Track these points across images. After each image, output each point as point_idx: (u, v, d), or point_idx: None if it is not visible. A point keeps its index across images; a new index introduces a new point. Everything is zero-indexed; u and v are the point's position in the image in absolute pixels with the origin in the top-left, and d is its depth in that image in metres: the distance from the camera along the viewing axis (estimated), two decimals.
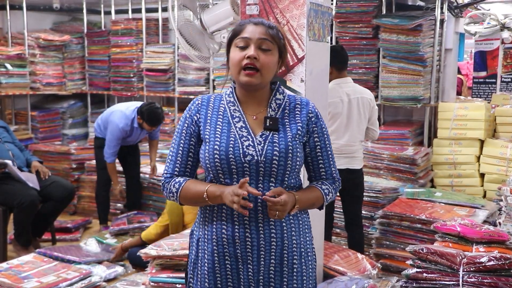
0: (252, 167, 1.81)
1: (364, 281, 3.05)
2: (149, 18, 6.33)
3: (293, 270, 1.90)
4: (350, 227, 4.02)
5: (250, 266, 1.86)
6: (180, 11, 3.66)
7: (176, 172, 1.91)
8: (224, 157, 1.81)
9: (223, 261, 1.87)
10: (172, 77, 6.13)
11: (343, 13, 5.11)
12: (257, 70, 1.83)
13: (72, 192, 4.79)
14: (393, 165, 4.79)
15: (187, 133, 1.90)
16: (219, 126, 1.86)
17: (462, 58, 6.12)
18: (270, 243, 1.85)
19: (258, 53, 1.82)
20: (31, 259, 3.72)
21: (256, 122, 1.88)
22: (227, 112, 1.89)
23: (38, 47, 6.33)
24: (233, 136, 1.83)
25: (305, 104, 1.94)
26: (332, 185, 1.97)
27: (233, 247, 1.85)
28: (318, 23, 2.97)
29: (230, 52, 1.89)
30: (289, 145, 1.84)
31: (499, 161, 4.86)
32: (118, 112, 4.98)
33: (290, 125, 1.88)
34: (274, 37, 1.86)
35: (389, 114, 5.56)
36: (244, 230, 1.84)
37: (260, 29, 1.85)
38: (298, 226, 1.92)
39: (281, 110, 1.91)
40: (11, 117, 6.48)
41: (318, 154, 1.94)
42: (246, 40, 1.84)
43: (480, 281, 2.32)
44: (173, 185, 1.88)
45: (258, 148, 1.82)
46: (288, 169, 1.84)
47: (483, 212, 3.77)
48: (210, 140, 1.84)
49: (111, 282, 3.78)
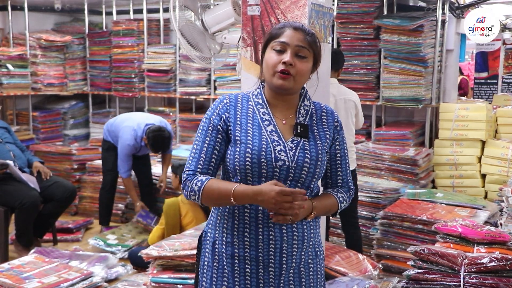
0: (282, 172, 1.81)
1: (365, 282, 3.05)
2: (151, 19, 6.33)
3: (309, 269, 1.91)
4: (347, 228, 4.04)
5: (272, 269, 1.84)
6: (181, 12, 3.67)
7: (199, 169, 1.84)
8: (256, 161, 1.79)
9: (243, 265, 1.85)
10: (173, 77, 6.13)
11: (344, 13, 5.11)
12: (290, 76, 1.82)
13: (74, 193, 4.79)
14: (394, 165, 4.79)
15: (214, 130, 1.85)
16: (249, 128, 1.84)
17: (463, 59, 6.12)
18: (292, 246, 1.85)
19: (294, 59, 1.81)
20: (33, 259, 3.72)
21: (285, 127, 1.88)
22: (256, 114, 1.87)
23: (40, 47, 6.34)
24: (265, 139, 1.82)
25: (330, 113, 1.96)
26: (347, 193, 1.98)
27: (255, 250, 1.83)
28: (320, 24, 2.97)
29: (266, 53, 1.87)
30: (319, 153, 1.86)
31: (500, 162, 4.86)
32: (128, 128, 4.90)
33: (319, 133, 1.90)
34: (311, 45, 1.85)
35: (390, 114, 5.56)
36: (268, 233, 1.82)
37: (299, 35, 1.84)
38: (315, 227, 1.94)
39: (309, 117, 1.92)
40: (12, 118, 6.49)
41: (338, 162, 1.96)
42: (284, 45, 1.83)
43: (481, 282, 2.32)
44: (195, 183, 1.81)
45: (289, 154, 1.82)
46: (316, 176, 1.86)
47: (484, 213, 3.77)
48: (241, 142, 1.82)
49: (112, 283, 3.78)
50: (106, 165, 5.22)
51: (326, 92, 3.16)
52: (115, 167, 5.16)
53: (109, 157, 5.14)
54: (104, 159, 5.25)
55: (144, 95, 6.33)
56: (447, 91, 5.37)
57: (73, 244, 4.90)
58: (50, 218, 4.67)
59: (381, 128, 5.34)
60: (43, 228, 4.68)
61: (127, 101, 6.69)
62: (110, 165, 5.15)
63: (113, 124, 5.11)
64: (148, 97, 6.38)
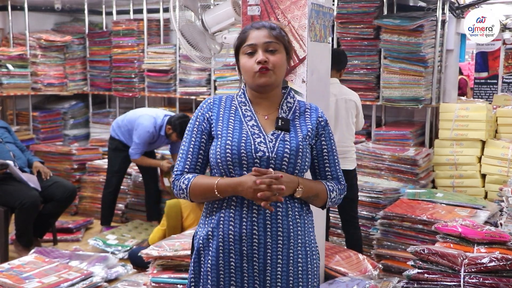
0: (262, 163, 1.85)
1: (365, 282, 3.06)
2: (151, 19, 6.33)
3: (298, 268, 1.92)
4: (347, 228, 4.04)
5: (256, 264, 1.87)
6: (181, 12, 3.67)
7: (186, 169, 1.93)
8: (236, 152, 1.85)
9: (228, 259, 1.89)
10: (173, 77, 6.13)
11: (345, 13, 5.11)
12: (269, 70, 1.89)
13: (74, 193, 4.79)
14: (394, 165, 4.79)
15: (199, 131, 1.94)
16: (231, 123, 1.91)
17: (463, 59, 6.12)
18: (277, 241, 1.87)
19: (266, 56, 1.88)
20: (33, 259, 3.72)
21: (267, 121, 1.94)
22: (239, 111, 1.95)
23: (40, 47, 6.34)
24: (245, 132, 1.89)
25: (314, 109, 2.02)
26: (337, 185, 2.00)
27: (240, 244, 1.87)
28: (320, 24, 2.97)
29: (240, 59, 1.95)
30: (300, 144, 1.89)
31: (501, 162, 4.86)
32: (147, 116, 4.89)
33: (300, 126, 1.95)
34: (278, 37, 1.92)
35: (390, 114, 5.56)
36: (252, 227, 1.86)
37: (264, 32, 1.91)
38: (304, 225, 1.94)
39: (292, 113, 1.97)
40: (12, 118, 6.49)
41: (325, 157, 1.99)
42: (253, 46, 1.90)
43: (481, 282, 2.32)
44: (183, 181, 1.91)
45: (269, 145, 1.87)
46: (297, 168, 1.88)
47: (484, 213, 3.77)
48: (222, 136, 1.88)
49: (112, 283, 3.78)
50: (112, 166, 5.17)
51: (326, 92, 3.16)
52: (121, 168, 5.14)
53: (115, 157, 5.10)
54: (110, 159, 5.20)
55: (144, 95, 6.33)
56: (447, 91, 5.37)
57: (73, 244, 4.90)
58: (50, 218, 4.67)
59: (381, 128, 5.34)
60: (43, 228, 4.68)
61: (127, 101, 6.69)
62: (117, 167, 5.12)
63: (124, 119, 5.07)
64: (148, 97, 6.38)
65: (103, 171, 5.74)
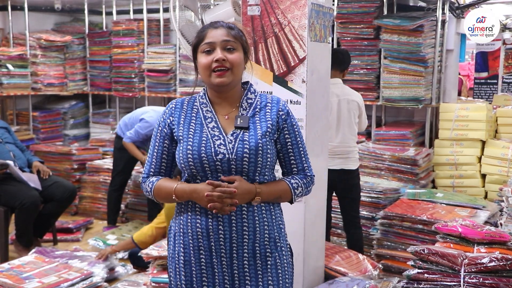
0: (224, 165, 1.87)
1: (365, 282, 3.05)
2: (151, 19, 6.33)
3: (267, 263, 1.94)
4: (348, 228, 4.03)
5: (224, 259, 1.90)
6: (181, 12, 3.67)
7: (151, 173, 2.00)
8: (196, 156, 1.87)
9: (198, 255, 1.92)
10: (173, 77, 6.13)
11: (345, 13, 5.11)
12: (227, 69, 1.89)
13: (74, 193, 4.79)
14: (394, 165, 4.79)
15: (161, 136, 1.98)
16: (192, 127, 1.94)
17: (463, 59, 6.12)
18: (243, 236, 1.90)
19: (224, 54, 1.89)
20: (33, 259, 3.72)
21: (228, 121, 1.95)
22: (200, 113, 1.96)
23: (40, 47, 6.34)
24: (205, 135, 1.90)
25: (275, 102, 2.00)
26: (302, 179, 1.99)
27: (207, 240, 1.90)
28: (320, 23, 2.97)
29: (198, 58, 1.95)
30: (259, 142, 1.89)
31: (501, 162, 4.86)
32: (153, 112, 4.89)
33: (260, 123, 1.94)
34: (236, 36, 1.93)
35: (390, 114, 5.56)
36: (217, 222, 1.89)
37: (221, 31, 1.92)
38: (271, 219, 1.96)
39: (252, 109, 1.97)
40: (12, 118, 6.49)
41: (290, 150, 1.99)
42: (211, 44, 1.91)
43: (481, 282, 2.32)
44: (148, 185, 1.98)
45: (229, 147, 1.88)
46: (259, 166, 1.89)
47: (484, 213, 3.77)
48: (183, 141, 1.91)
49: (112, 283, 3.78)
50: (117, 165, 5.17)
51: (326, 92, 3.16)
52: (127, 168, 5.15)
53: (120, 157, 5.09)
54: (116, 159, 5.20)
55: (144, 95, 6.33)
56: (447, 91, 5.37)
57: (73, 244, 4.89)
58: (50, 218, 4.67)
59: (381, 128, 5.34)
60: (43, 228, 4.68)
61: (127, 101, 6.69)
62: (121, 167, 5.12)
63: (131, 117, 5.06)
64: (148, 97, 6.37)
65: (103, 171, 5.75)
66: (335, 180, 3.78)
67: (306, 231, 3.05)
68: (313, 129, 2.99)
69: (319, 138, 3.07)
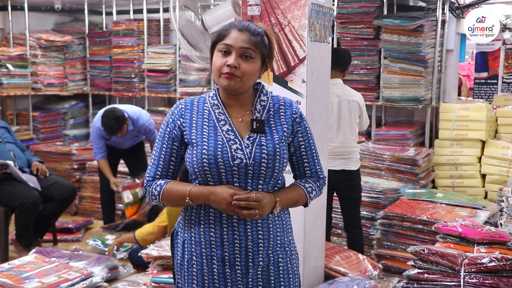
0: (241, 170, 1.82)
1: (365, 282, 3.05)
2: (151, 19, 6.33)
3: (279, 268, 1.92)
4: (349, 228, 4.03)
5: (239, 268, 1.86)
6: (181, 12, 3.67)
7: (158, 175, 1.91)
8: (213, 161, 1.80)
9: (211, 264, 1.87)
10: (173, 77, 6.13)
11: (345, 13, 5.11)
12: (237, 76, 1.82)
13: (74, 193, 4.79)
14: (394, 166, 4.80)
15: (170, 138, 1.89)
16: (205, 129, 1.86)
17: (463, 59, 6.12)
18: (258, 244, 1.86)
19: (239, 61, 1.82)
20: (33, 259, 3.72)
21: (242, 124, 1.89)
22: (212, 115, 1.89)
23: (40, 47, 6.34)
24: (221, 139, 1.83)
25: (289, 105, 1.95)
26: (316, 182, 1.98)
27: (221, 249, 1.85)
28: (320, 24, 2.97)
29: (213, 55, 1.88)
30: (277, 147, 1.85)
31: (501, 162, 4.86)
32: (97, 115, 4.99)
33: (276, 127, 1.90)
34: (256, 45, 1.84)
35: (390, 115, 5.56)
36: (233, 232, 1.84)
37: (244, 36, 1.83)
38: (282, 225, 1.94)
39: (266, 112, 1.91)
40: (12, 118, 6.49)
41: (303, 153, 1.96)
42: (228, 47, 1.83)
43: (481, 282, 2.32)
44: (155, 188, 1.89)
45: (246, 151, 1.83)
46: (276, 170, 1.86)
47: (485, 213, 3.77)
48: (197, 145, 1.83)
49: (112, 283, 3.79)
50: None
51: (326, 92, 3.16)
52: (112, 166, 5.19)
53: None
54: None
55: (144, 95, 6.33)
56: (447, 91, 5.37)
57: (73, 244, 4.90)
58: (50, 218, 4.67)
59: (381, 128, 5.34)
60: (43, 228, 4.68)
61: (127, 101, 6.67)
62: None
63: None
64: (148, 97, 6.38)
65: None
66: (336, 181, 3.79)
67: (306, 231, 3.05)
68: (313, 129, 2.97)
69: (319, 138, 3.07)
